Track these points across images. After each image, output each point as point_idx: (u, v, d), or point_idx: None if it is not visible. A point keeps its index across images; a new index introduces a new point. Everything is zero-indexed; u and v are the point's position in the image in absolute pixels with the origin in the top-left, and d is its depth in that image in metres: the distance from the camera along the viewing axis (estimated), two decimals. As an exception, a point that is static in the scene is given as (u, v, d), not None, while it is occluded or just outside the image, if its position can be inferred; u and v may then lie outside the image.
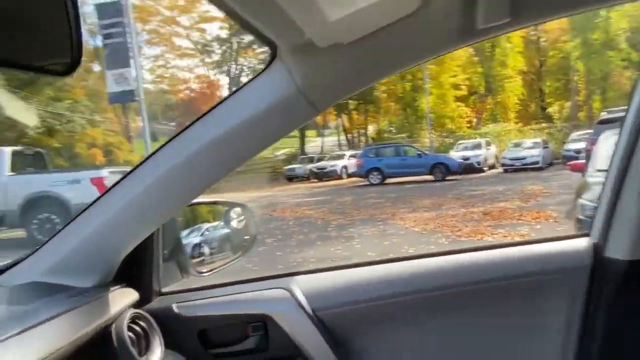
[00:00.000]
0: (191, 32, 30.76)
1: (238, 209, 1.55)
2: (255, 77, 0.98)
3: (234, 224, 1.53)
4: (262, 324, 1.25)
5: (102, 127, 27.80)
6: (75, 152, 24.82)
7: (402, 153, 18.98)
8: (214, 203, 1.56)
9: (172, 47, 30.92)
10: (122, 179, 1.09)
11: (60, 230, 1.12)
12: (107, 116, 28.52)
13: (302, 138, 31.56)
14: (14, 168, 9.10)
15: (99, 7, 14.59)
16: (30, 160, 10.02)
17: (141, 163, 1.07)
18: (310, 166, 23.68)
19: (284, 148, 30.69)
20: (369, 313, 1.29)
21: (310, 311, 1.25)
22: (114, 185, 1.08)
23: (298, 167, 24.30)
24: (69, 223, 1.11)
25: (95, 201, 1.10)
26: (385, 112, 31.41)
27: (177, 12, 30.41)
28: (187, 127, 1.03)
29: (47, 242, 1.13)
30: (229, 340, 1.27)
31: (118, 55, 13.50)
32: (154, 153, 1.06)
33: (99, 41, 18.58)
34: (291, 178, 23.56)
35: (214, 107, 1.01)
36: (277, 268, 5.80)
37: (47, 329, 0.86)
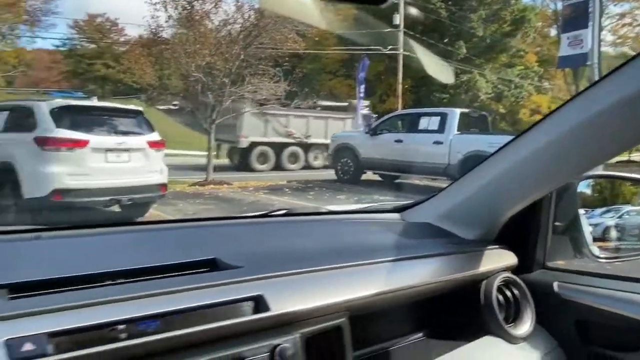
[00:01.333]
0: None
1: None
2: None
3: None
4: None
5: (550, 95, 27.19)
6: (518, 117, 25.54)
7: None
8: (636, 180, 1.26)
9: (646, 1, 26.06)
10: (520, 134, 1.03)
11: (457, 180, 1.19)
12: (556, 83, 27.62)
13: None
14: (460, 127, 10.27)
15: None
16: (474, 121, 11.00)
17: (541, 120, 0.98)
18: None
19: None
20: None
21: None
22: (513, 140, 1.03)
23: None
24: (465, 174, 1.16)
25: (491, 155, 1.08)
26: None
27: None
28: (601, 79, 0.86)
29: (444, 189, 1.23)
30: (613, 344, 1.05)
31: (577, 16, 12.56)
32: (556, 109, 0.95)
33: (560, 4, 17.89)
34: None
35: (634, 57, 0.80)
36: None
37: (425, 263, 0.97)
